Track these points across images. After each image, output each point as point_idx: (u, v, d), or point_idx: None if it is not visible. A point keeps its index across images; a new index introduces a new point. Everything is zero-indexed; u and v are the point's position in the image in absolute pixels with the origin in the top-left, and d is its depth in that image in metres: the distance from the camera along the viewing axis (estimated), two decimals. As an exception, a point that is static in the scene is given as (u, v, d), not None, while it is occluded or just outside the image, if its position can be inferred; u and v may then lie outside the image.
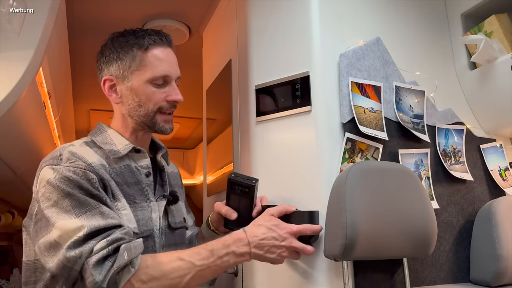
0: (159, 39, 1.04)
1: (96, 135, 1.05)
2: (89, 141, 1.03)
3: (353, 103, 1.18)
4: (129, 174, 1.01)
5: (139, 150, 1.05)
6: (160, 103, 1.03)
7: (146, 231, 0.98)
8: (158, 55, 1.03)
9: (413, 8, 1.48)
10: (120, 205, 0.94)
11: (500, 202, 1.27)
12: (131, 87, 1.03)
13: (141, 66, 1.02)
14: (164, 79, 1.04)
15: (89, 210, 0.86)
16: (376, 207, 1.00)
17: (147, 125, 1.05)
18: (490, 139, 1.48)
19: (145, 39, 1.03)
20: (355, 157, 1.17)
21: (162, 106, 1.04)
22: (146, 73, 1.02)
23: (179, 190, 1.20)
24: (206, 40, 1.93)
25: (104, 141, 1.03)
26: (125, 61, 1.02)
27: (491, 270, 1.20)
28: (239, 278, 1.30)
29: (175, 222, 1.10)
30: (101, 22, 1.93)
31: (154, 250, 0.99)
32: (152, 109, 1.03)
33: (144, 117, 1.04)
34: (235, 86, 1.46)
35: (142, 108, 1.03)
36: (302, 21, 1.24)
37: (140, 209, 0.99)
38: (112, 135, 1.05)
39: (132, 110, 1.04)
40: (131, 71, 1.02)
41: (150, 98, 1.03)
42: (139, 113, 1.03)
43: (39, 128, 1.80)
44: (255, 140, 1.28)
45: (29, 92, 1.29)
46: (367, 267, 1.11)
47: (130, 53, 1.02)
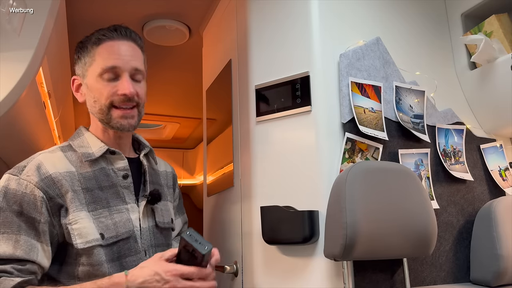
0: (114, 32, 1.02)
1: (74, 139, 1.05)
2: (65, 145, 1.03)
3: (353, 103, 1.18)
4: (103, 177, 1.00)
5: (114, 152, 1.04)
6: (110, 98, 1.00)
7: (125, 232, 0.97)
8: (107, 48, 1.01)
9: (413, 8, 1.49)
10: (71, 218, 0.92)
11: (500, 202, 1.27)
12: (87, 83, 1.03)
13: (92, 62, 1.01)
14: (113, 72, 1.00)
15: (7, 233, 0.86)
16: (376, 207, 1.00)
17: (104, 121, 1.03)
18: (490, 139, 1.48)
19: (98, 34, 1.02)
20: (355, 157, 1.17)
21: (113, 100, 1.00)
22: (96, 68, 1.00)
23: (167, 190, 1.17)
24: (206, 40, 1.93)
25: (80, 144, 1.03)
26: (83, 59, 1.03)
27: (491, 270, 1.20)
28: (239, 278, 1.30)
29: (163, 221, 1.08)
30: (101, 22, 1.92)
31: (137, 251, 0.99)
32: (104, 104, 1.00)
33: (99, 114, 1.02)
34: (235, 86, 1.46)
35: (97, 104, 1.01)
36: (302, 21, 1.24)
37: (116, 212, 0.98)
38: (89, 138, 1.05)
39: (91, 107, 1.04)
40: (86, 67, 1.03)
41: (101, 93, 1.00)
42: (96, 110, 1.02)
43: (39, 128, 1.80)
44: (255, 140, 1.28)
45: (29, 92, 1.29)
46: (367, 267, 1.11)
47: (85, 50, 1.03)
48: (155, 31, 1.96)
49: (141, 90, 1.04)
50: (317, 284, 1.09)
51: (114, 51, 1.00)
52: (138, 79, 1.04)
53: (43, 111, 1.74)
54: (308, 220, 1.07)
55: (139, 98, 1.03)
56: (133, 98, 1.01)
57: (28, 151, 1.81)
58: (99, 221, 0.95)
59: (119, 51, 1.01)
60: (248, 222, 1.27)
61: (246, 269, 1.27)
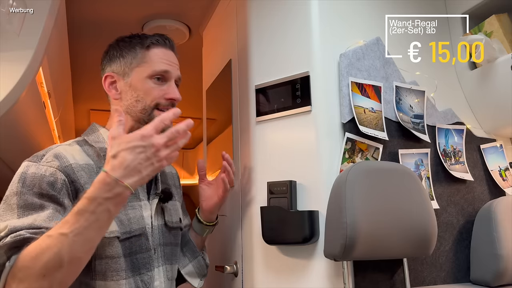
0: (161, 40, 1.08)
1: (88, 134, 1.07)
2: (81, 140, 1.05)
3: (353, 103, 1.18)
4: None
5: None
6: (157, 99, 1.04)
7: (138, 229, 0.99)
8: (158, 53, 1.06)
9: (413, 8, 1.48)
10: None
11: (500, 202, 1.27)
12: (131, 82, 1.05)
13: (141, 63, 1.05)
14: (163, 76, 1.05)
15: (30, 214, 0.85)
16: (376, 207, 1.00)
17: (144, 121, 1.04)
18: (490, 139, 1.48)
19: (148, 39, 1.07)
20: (355, 157, 1.17)
21: (160, 102, 1.04)
22: (146, 69, 1.04)
23: (176, 190, 1.20)
24: (206, 40, 1.93)
25: (96, 140, 1.04)
26: (127, 58, 1.06)
27: (491, 270, 1.20)
28: (239, 278, 1.30)
29: (172, 221, 1.10)
30: (101, 22, 1.93)
31: (148, 248, 1.00)
32: (149, 104, 1.04)
33: (141, 113, 1.04)
34: (235, 86, 1.46)
35: (139, 104, 1.04)
36: (302, 21, 1.24)
37: (130, 208, 1.00)
38: (104, 134, 1.06)
39: (130, 106, 1.05)
40: (131, 67, 1.05)
41: (148, 94, 1.04)
42: (137, 109, 1.04)
43: (39, 128, 1.80)
44: (255, 140, 1.28)
45: (29, 92, 1.29)
46: (367, 267, 1.11)
47: (132, 51, 1.06)
48: (155, 31, 1.96)
49: None
50: (317, 284, 1.09)
51: (165, 58, 1.07)
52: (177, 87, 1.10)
53: (43, 111, 1.74)
54: (308, 220, 1.07)
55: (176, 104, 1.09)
56: (175, 104, 1.07)
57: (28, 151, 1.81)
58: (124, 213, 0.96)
59: (170, 58, 1.08)
60: (248, 222, 1.27)
61: (246, 269, 1.27)
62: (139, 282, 0.97)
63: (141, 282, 0.97)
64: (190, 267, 1.20)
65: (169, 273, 1.06)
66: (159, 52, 1.06)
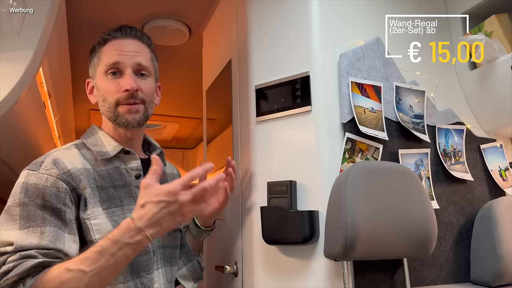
0: (118, 32, 1.04)
1: (87, 137, 1.06)
2: (79, 143, 1.04)
3: (353, 103, 1.18)
4: (117, 176, 1.01)
5: (129, 152, 1.05)
6: (116, 95, 1.01)
7: None
8: (111, 46, 1.03)
9: (413, 8, 1.48)
10: (90, 213, 0.93)
11: (500, 202, 1.27)
12: (96, 83, 1.06)
13: (99, 61, 1.04)
14: (118, 68, 1.02)
15: (32, 226, 0.85)
16: (376, 207, 1.00)
17: (113, 119, 1.03)
18: (490, 139, 1.48)
19: (104, 34, 1.05)
20: (355, 157, 1.17)
21: (118, 98, 1.01)
22: (102, 66, 1.03)
23: None
24: (206, 40, 1.93)
25: (94, 143, 1.04)
26: (93, 60, 1.07)
27: (491, 270, 1.20)
28: (239, 278, 1.30)
29: None
30: (101, 22, 1.93)
31: (147, 251, 0.99)
32: (112, 102, 1.01)
33: (108, 112, 1.03)
34: (235, 86, 1.46)
35: (106, 103, 1.03)
36: (302, 21, 1.24)
37: (128, 212, 0.98)
38: (103, 136, 1.05)
39: (101, 107, 1.05)
40: (95, 68, 1.05)
41: (108, 91, 1.02)
42: (105, 109, 1.03)
43: (39, 128, 1.80)
44: (255, 140, 1.28)
45: (29, 92, 1.29)
46: (367, 267, 1.11)
47: (94, 51, 1.07)
48: (155, 31, 1.96)
49: (145, 86, 1.04)
50: (317, 284, 1.09)
51: (118, 48, 1.02)
52: (143, 75, 1.04)
53: (43, 111, 1.74)
54: (308, 220, 1.07)
55: (144, 94, 1.03)
56: (136, 95, 1.01)
57: (28, 151, 1.82)
58: (112, 220, 0.95)
59: (123, 48, 1.03)
60: (248, 222, 1.27)
61: (246, 269, 1.27)
62: (138, 284, 0.96)
63: (141, 284, 0.97)
64: (184, 270, 1.19)
65: (168, 275, 1.06)
66: (112, 45, 1.03)
